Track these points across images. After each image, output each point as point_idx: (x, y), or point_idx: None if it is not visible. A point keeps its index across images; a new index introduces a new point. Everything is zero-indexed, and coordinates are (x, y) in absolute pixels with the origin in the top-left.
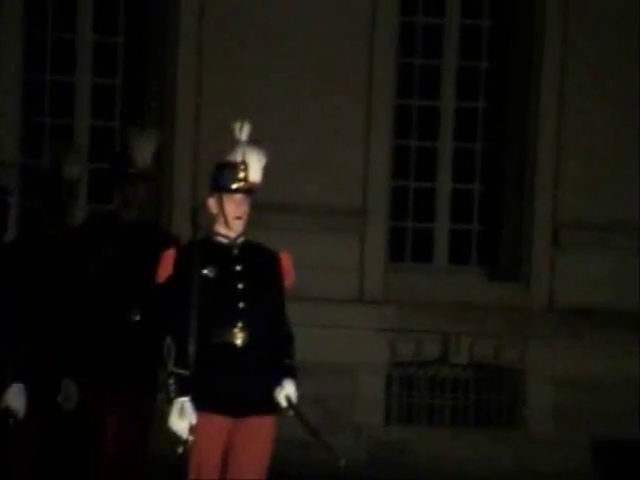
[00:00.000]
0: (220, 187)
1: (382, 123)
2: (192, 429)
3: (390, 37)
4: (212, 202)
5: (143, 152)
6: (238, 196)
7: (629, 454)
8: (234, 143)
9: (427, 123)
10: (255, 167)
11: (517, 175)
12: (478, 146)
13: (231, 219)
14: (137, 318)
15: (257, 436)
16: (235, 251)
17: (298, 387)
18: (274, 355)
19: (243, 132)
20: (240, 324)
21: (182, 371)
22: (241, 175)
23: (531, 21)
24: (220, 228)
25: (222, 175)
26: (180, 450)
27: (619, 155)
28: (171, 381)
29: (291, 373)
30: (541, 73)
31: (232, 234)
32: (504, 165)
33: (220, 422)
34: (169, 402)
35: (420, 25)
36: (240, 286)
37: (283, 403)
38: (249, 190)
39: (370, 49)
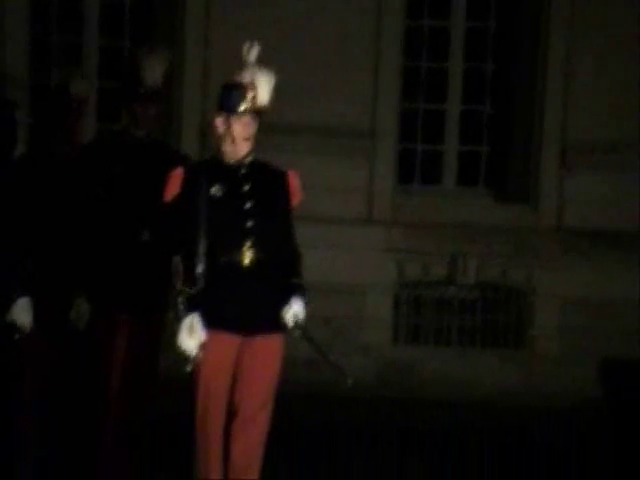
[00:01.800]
0: (228, 108)
1: (392, 43)
2: (201, 347)
3: None
4: (219, 122)
5: (153, 71)
6: (246, 117)
7: (635, 372)
8: (243, 64)
9: (437, 44)
10: (263, 88)
11: (526, 97)
12: (488, 67)
13: (238, 140)
14: (146, 238)
15: (265, 355)
16: (243, 170)
17: (306, 306)
18: (282, 274)
19: (251, 53)
20: (248, 243)
21: (190, 289)
22: (249, 96)
23: None
24: (227, 148)
25: (230, 96)
26: (189, 368)
27: (627, 80)
28: (180, 299)
29: (299, 292)
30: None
31: (240, 154)
32: (513, 87)
33: (229, 340)
34: (178, 320)
35: None
36: (248, 205)
37: (290, 322)
38: (257, 111)
39: None
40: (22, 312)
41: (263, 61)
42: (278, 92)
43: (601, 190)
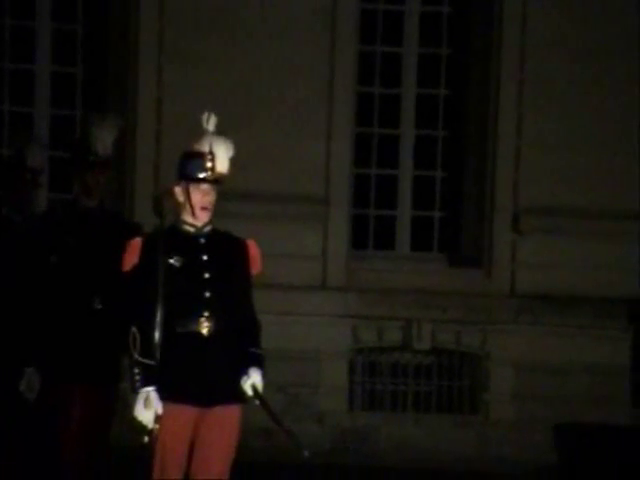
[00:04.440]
0: (187, 176)
1: (343, 111)
2: (157, 418)
3: (351, 25)
4: (178, 191)
5: (103, 139)
6: (205, 186)
7: (589, 437)
8: (200, 132)
9: (389, 111)
10: (222, 157)
11: (477, 162)
12: (439, 133)
13: (197, 209)
14: (99, 306)
15: (223, 426)
16: (202, 240)
17: (264, 376)
18: (240, 344)
19: (210, 122)
20: (206, 313)
21: (147, 360)
22: (208, 165)
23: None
24: (186, 217)
25: (189, 164)
26: (145, 440)
27: (575, 144)
28: (136, 370)
29: (257, 362)
30: (501, 58)
31: (198, 223)
32: (464, 152)
33: (186, 412)
34: (134, 392)
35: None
36: (206, 275)
37: (249, 392)
38: (216, 180)
39: (331, 37)
40: None
41: (217, 128)
42: (231, 159)
43: (553, 254)
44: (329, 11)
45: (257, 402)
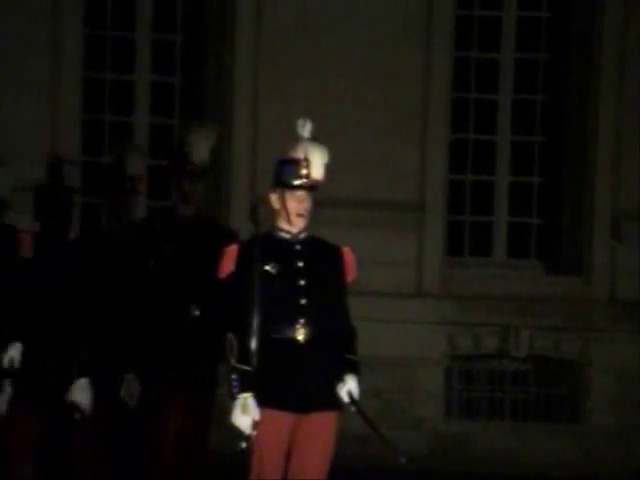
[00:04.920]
0: (282, 183)
1: (439, 117)
2: (255, 425)
3: (447, 30)
4: (274, 197)
5: (200, 148)
6: (300, 193)
7: None
8: (295, 139)
9: (485, 117)
10: (318, 164)
11: (576, 167)
12: (536, 139)
13: (293, 216)
14: (196, 314)
15: (320, 433)
16: (297, 247)
17: (359, 382)
18: (336, 350)
19: (305, 129)
20: (302, 320)
21: (245, 367)
22: (303, 172)
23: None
24: (282, 223)
25: (284, 171)
26: (243, 446)
27: None
28: (234, 377)
29: (353, 368)
30: (601, 64)
31: (294, 230)
32: (562, 157)
33: (283, 418)
34: (232, 398)
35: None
36: (302, 282)
37: (345, 398)
38: (311, 187)
39: (427, 43)
40: (82, 392)
41: (312, 134)
42: (326, 165)
43: None
44: (424, 17)
45: (353, 408)
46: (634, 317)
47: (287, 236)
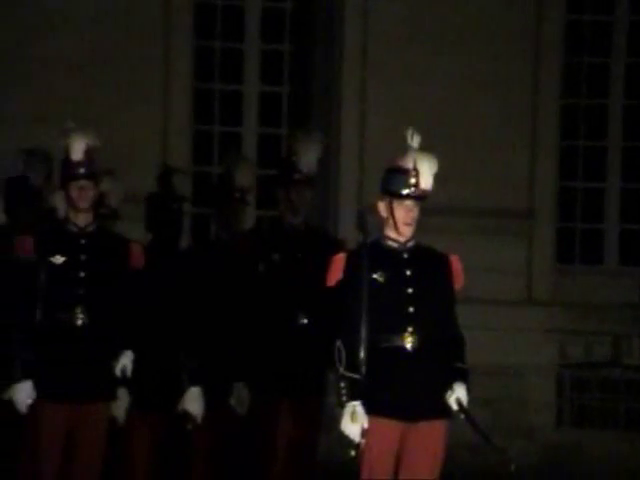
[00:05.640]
0: (391, 192)
1: (549, 123)
2: (364, 433)
3: (556, 34)
4: (382, 206)
5: (308, 157)
6: (408, 202)
7: None
8: (404, 148)
9: (595, 122)
10: (426, 174)
11: None
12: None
13: (401, 225)
14: (304, 322)
15: (429, 441)
16: (405, 255)
17: (468, 390)
18: (445, 358)
19: (414, 139)
20: (410, 328)
21: (353, 375)
22: (412, 181)
23: None
24: (390, 232)
25: (393, 180)
26: (352, 454)
27: None
28: (342, 384)
29: (462, 376)
30: None
31: (402, 238)
32: None
33: (392, 426)
34: (341, 405)
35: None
36: (410, 290)
37: (454, 407)
38: (420, 197)
39: (535, 48)
40: (194, 401)
41: (422, 145)
42: (435, 175)
43: None
44: (534, 23)
45: (462, 417)
46: None
47: (395, 244)
